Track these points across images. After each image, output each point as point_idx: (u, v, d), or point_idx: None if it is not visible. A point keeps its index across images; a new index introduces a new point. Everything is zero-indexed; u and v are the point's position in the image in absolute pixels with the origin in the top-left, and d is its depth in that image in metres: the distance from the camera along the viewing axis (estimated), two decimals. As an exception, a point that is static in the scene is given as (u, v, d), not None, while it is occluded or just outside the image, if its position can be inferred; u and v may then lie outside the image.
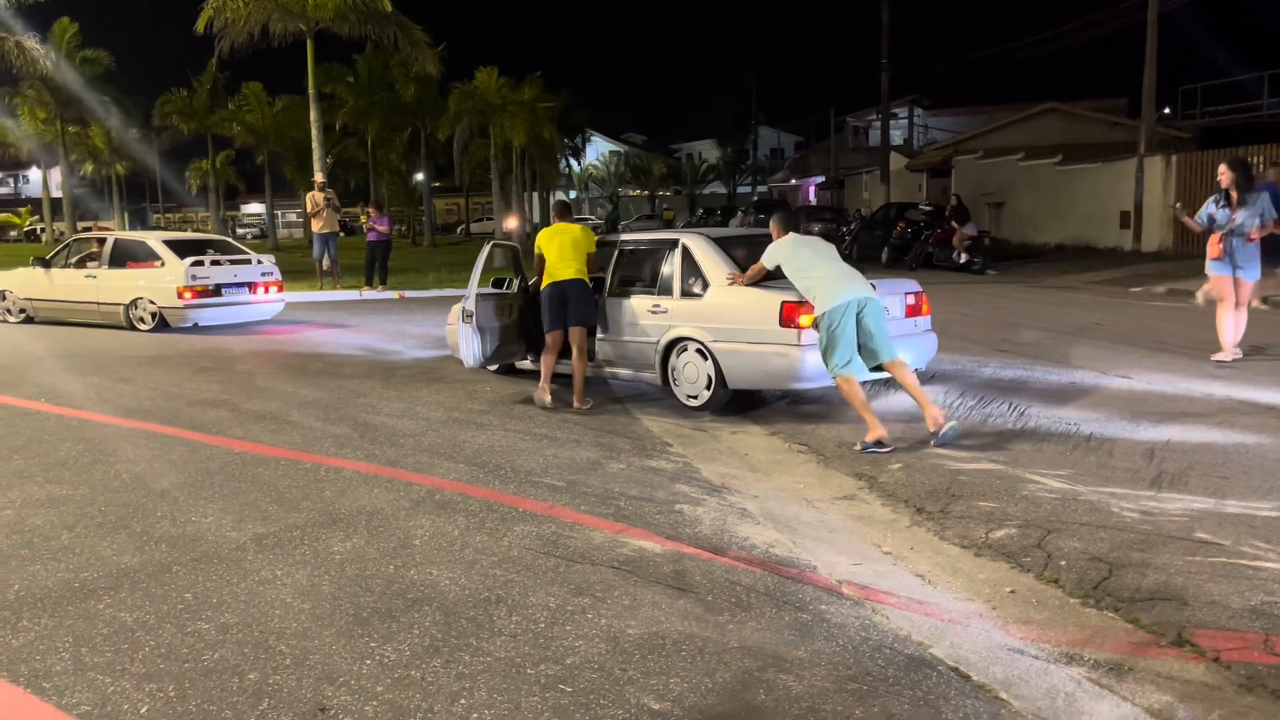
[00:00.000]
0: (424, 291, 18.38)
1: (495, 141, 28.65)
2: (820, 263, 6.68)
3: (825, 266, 6.66)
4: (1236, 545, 4.26)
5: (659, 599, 3.91)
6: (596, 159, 67.98)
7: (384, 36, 21.76)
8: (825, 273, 6.59)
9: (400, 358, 10.59)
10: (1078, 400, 7.26)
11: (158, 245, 13.09)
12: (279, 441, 6.68)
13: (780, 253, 6.77)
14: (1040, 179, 26.72)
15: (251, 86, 43.30)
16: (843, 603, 3.89)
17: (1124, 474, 5.37)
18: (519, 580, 4.12)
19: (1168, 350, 9.35)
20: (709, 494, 5.36)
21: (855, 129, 54.37)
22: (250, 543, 4.62)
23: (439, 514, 5.02)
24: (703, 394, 7.38)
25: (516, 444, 6.53)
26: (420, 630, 3.64)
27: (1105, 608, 3.77)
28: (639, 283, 8.26)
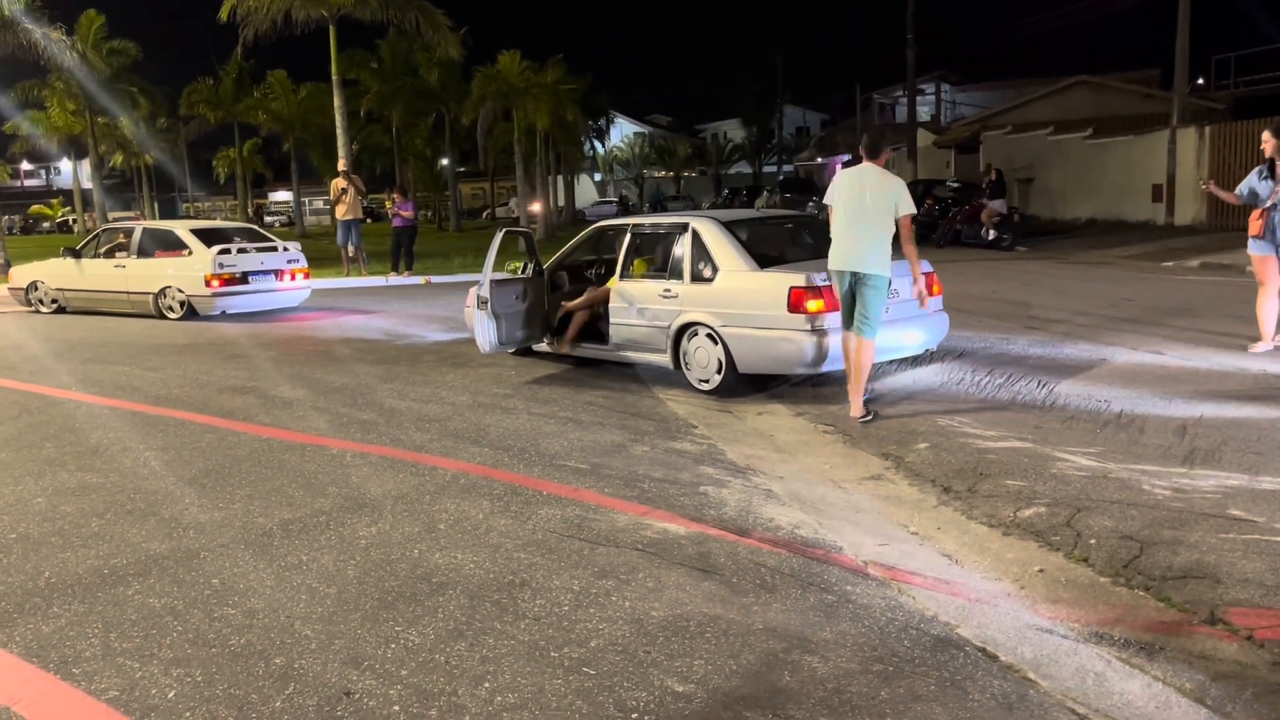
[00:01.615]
0: (449, 276, 18.42)
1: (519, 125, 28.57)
2: (839, 215, 6.55)
3: (841, 222, 6.53)
4: (1270, 522, 4.18)
5: (683, 581, 3.90)
6: (621, 141, 67.71)
7: (406, 21, 21.74)
8: (836, 228, 6.53)
9: (425, 342, 10.62)
10: (1108, 377, 7.16)
11: (185, 234, 13.19)
12: (306, 428, 6.72)
13: (830, 187, 6.76)
14: (1070, 153, 26.33)
15: (276, 74, 43.46)
16: (869, 583, 3.86)
17: (1155, 451, 5.29)
18: (543, 563, 4.12)
19: (1201, 325, 9.20)
20: (734, 475, 5.33)
21: (882, 106, 53.79)
22: (277, 528, 4.65)
23: (464, 498, 5.04)
24: (713, 378, 7.35)
25: (541, 427, 6.53)
26: (445, 614, 3.65)
27: (1136, 586, 3.72)
28: (651, 267, 8.24)
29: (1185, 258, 16.01)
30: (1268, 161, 7.79)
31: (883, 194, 6.52)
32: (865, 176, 6.60)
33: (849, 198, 6.59)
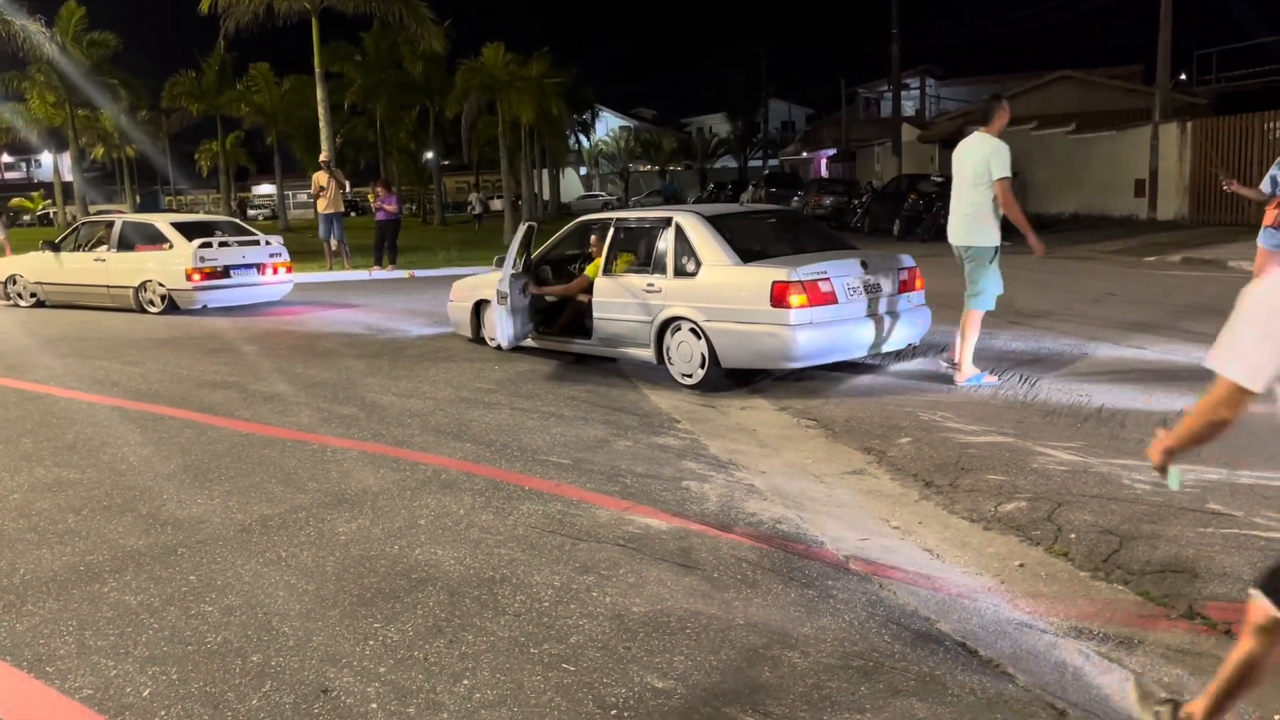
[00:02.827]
0: (434, 270, 18.33)
1: (503, 118, 28.46)
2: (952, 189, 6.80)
3: (951, 196, 6.82)
4: (1249, 516, 4.21)
5: (664, 576, 3.89)
6: (606, 134, 67.54)
7: (389, 13, 21.63)
8: None
9: (408, 336, 10.57)
10: (1090, 371, 7.19)
11: (165, 228, 13.08)
12: (286, 423, 6.68)
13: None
14: (1053, 148, 26.44)
15: (259, 67, 43.15)
16: (850, 578, 3.86)
17: (1136, 445, 5.31)
18: (524, 559, 4.10)
19: (1183, 320, 9.24)
20: (716, 470, 5.33)
21: (866, 100, 53.85)
22: (256, 524, 4.62)
23: (445, 493, 5.01)
24: (697, 373, 7.34)
25: (523, 422, 6.51)
26: (424, 610, 3.63)
27: (1115, 580, 3.74)
28: (634, 261, 8.22)
29: (1168, 253, 16.11)
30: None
31: (977, 161, 6.59)
32: (966, 147, 6.68)
33: (954, 171, 6.69)
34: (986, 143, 6.72)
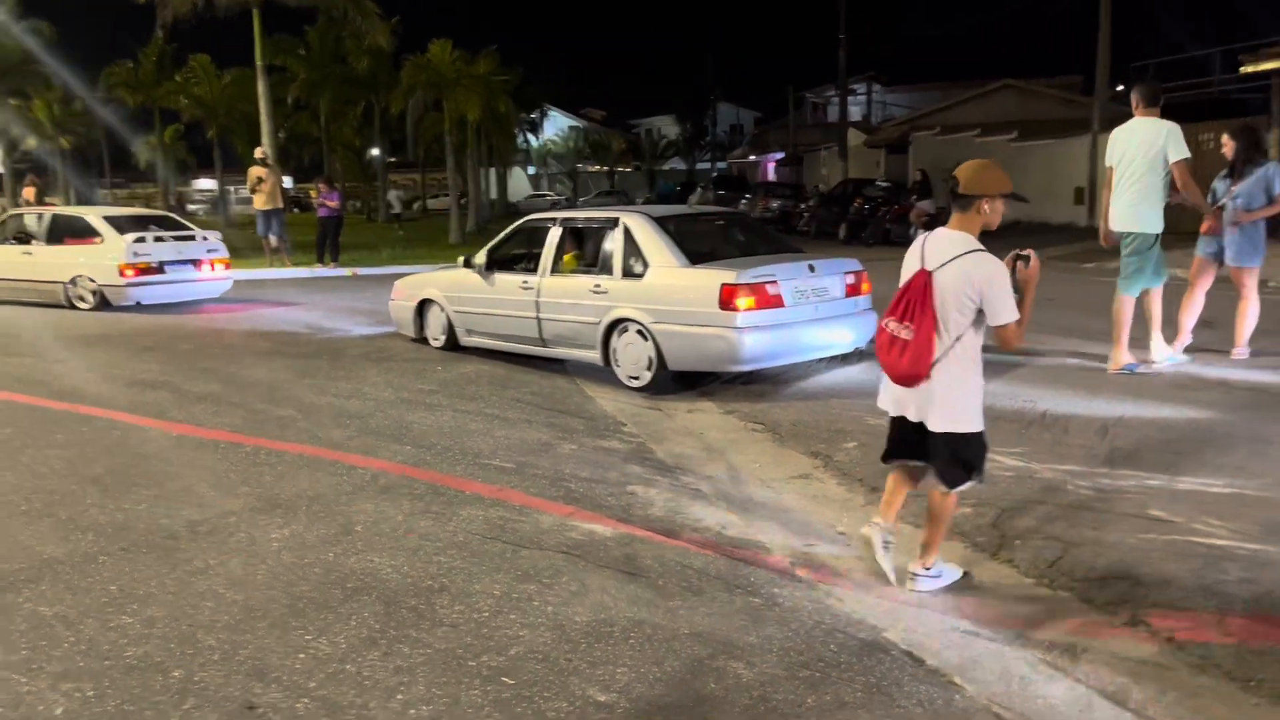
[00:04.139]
0: (377, 269, 18.03)
1: (449, 116, 28.12)
2: (1115, 175, 6.84)
3: (1114, 182, 6.84)
4: (1189, 523, 4.24)
5: (608, 584, 3.80)
6: (555, 134, 67.19)
7: (334, 7, 21.25)
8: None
9: (349, 336, 10.35)
10: (1033, 377, 7.24)
11: (97, 221, 12.66)
12: (220, 424, 6.47)
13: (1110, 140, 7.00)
14: (996, 155, 26.82)
15: (199, 59, 42.06)
16: (796, 586, 3.81)
17: (1079, 451, 5.34)
18: (463, 567, 3.99)
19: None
20: (662, 474, 5.25)
21: (814, 105, 54.29)
22: (183, 530, 4.44)
23: (383, 498, 4.87)
24: (644, 375, 7.27)
25: (466, 425, 6.38)
26: (358, 621, 3.50)
27: (1059, 588, 3.73)
28: (581, 262, 8.13)
29: (1106, 259, 16.35)
30: (1229, 164, 7.55)
31: (1149, 143, 6.57)
32: (1132, 131, 6.66)
33: (1115, 156, 6.68)
34: (1159, 125, 6.71)
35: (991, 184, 3.57)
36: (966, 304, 3.48)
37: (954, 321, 3.51)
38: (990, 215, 3.59)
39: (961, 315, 3.49)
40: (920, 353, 3.52)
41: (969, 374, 3.58)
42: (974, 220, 3.59)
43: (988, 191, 3.56)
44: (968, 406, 3.58)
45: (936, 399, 3.57)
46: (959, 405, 3.57)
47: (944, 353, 3.53)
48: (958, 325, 3.50)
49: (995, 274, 3.48)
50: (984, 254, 3.51)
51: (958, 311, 3.49)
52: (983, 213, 3.58)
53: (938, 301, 3.52)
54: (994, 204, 3.57)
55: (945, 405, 3.57)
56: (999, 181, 3.58)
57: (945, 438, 3.60)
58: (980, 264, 3.48)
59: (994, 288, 3.46)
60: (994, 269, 3.49)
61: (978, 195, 3.55)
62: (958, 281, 3.49)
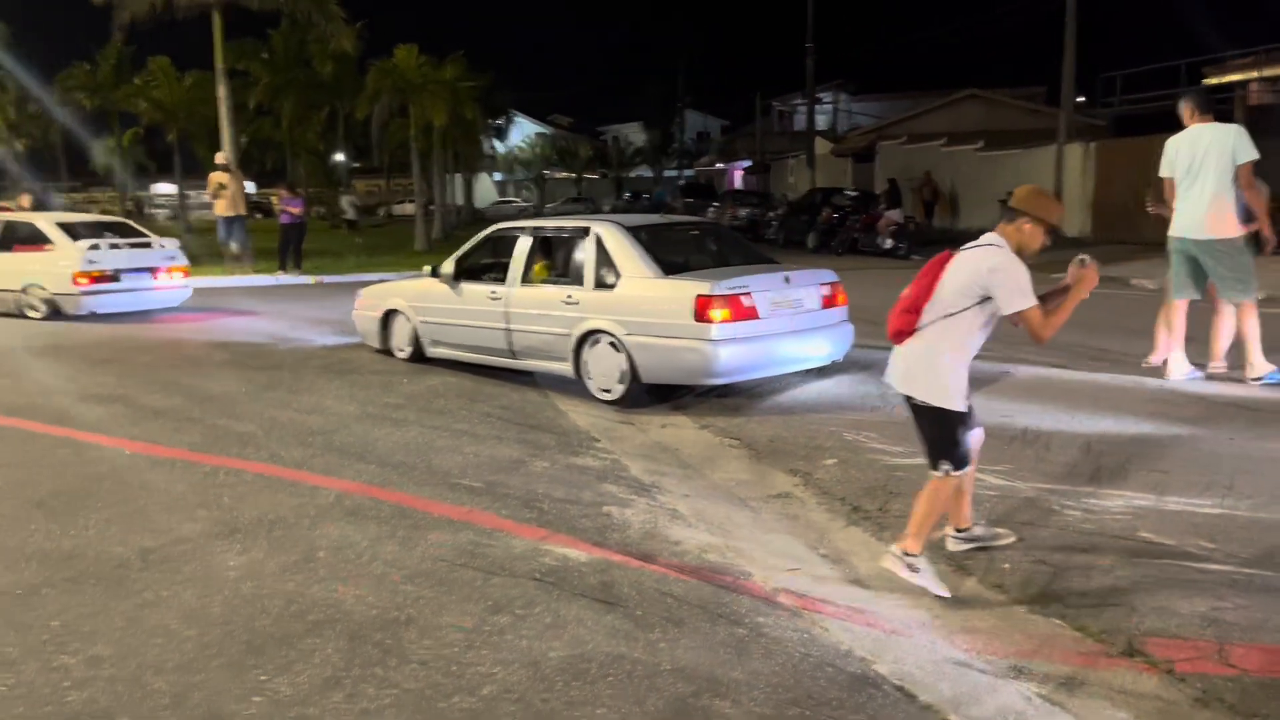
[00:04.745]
0: (341, 276, 17.72)
1: (415, 122, 27.78)
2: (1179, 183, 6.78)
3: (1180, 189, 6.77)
4: (1181, 545, 4.14)
5: (584, 615, 3.63)
6: (522, 141, 66.90)
7: (297, 10, 20.90)
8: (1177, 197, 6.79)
9: (312, 346, 10.09)
10: (1011, 391, 7.15)
11: (49, 227, 12.27)
12: (177, 441, 6.21)
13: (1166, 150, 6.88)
14: (962, 164, 27.01)
15: (159, 61, 41.28)
16: (780, 614, 3.65)
17: (1063, 469, 5.24)
18: (432, 597, 3.79)
19: (1097, 337, 9.32)
20: (638, 494, 5.09)
21: (781, 113, 54.46)
22: (135, 559, 4.20)
23: (347, 522, 4.66)
24: (616, 388, 7.10)
25: (433, 441, 6.17)
26: (320, 658, 3.29)
27: (1052, 614, 3.61)
28: (552, 272, 7.96)
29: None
30: None
31: (1221, 148, 6.48)
32: (1198, 138, 6.54)
33: (1184, 163, 6.55)
34: (1225, 128, 6.66)
35: (1038, 207, 3.77)
36: (971, 288, 3.72)
37: (950, 298, 3.76)
38: (1028, 236, 3.77)
39: (960, 296, 3.73)
40: (905, 306, 3.86)
41: (945, 349, 3.79)
42: (1011, 233, 3.79)
43: (1033, 212, 3.75)
44: (938, 380, 3.79)
45: (911, 364, 3.87)
46: (929, 375, 3.81)
47: (931, 322, 3.80)
48: (953, 304, 3.74)
49: (1003, 265, 3.69)
50: (998, 249, 3.75)
51: (957, 292, 3.74)
52: (1022, 231, 3.76)
53: (945, 276, 3.80)
54: (1035, 227, 3.75)
55: (915, 371, 3.85)
56: (1047, 209, 3.78)
57: (917, 409, 3.88)
58: (990, 254, 3.73)
59: (997, 276, 3.67)
60: (1003, 260, 3.71)
61: (1023, 212, 3.75)
62: (968, 265, 3.76)
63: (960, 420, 3.83)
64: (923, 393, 3.82)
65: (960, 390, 3.81)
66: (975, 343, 3.85)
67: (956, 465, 3.83)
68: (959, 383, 3.81)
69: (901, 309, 3.90)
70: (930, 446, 3.89)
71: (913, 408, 3.91)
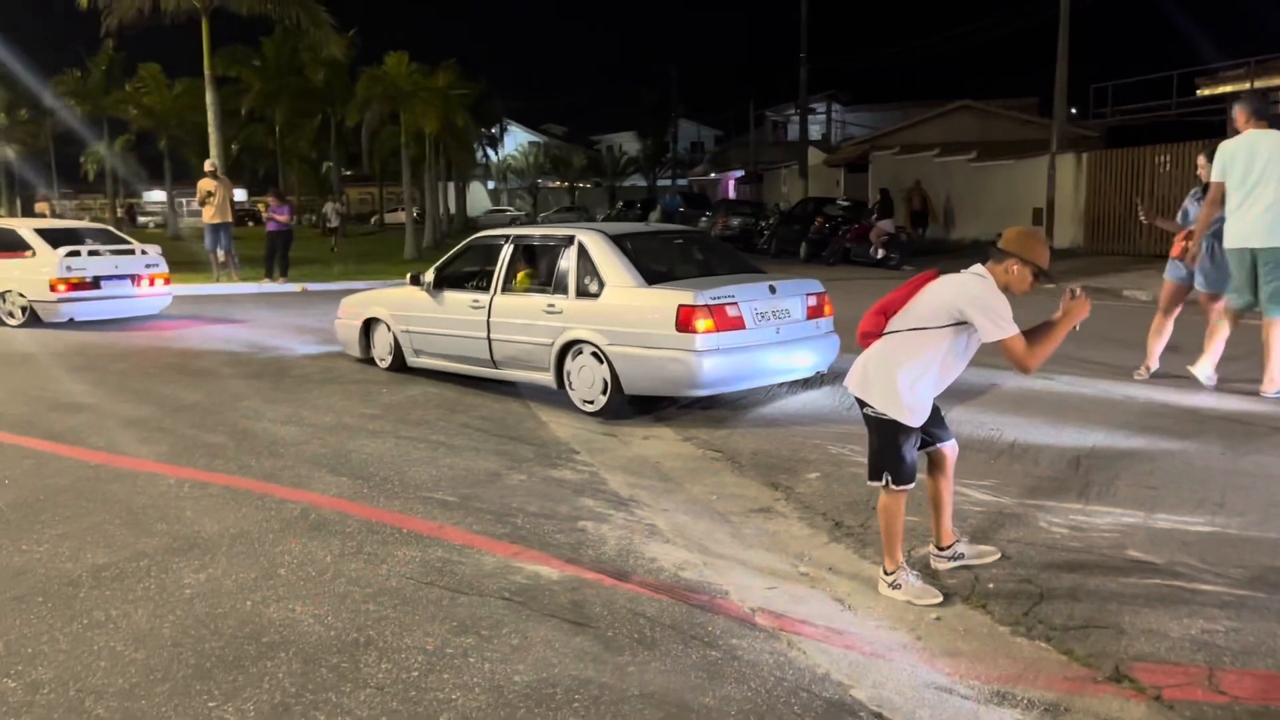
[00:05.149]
0: (328, 284, 17.57)
1: (406, 129, 27.68)
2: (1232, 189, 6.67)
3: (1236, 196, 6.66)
4: (1170, 565, 4.00)
5: (552, 636, 3.48)
6: (515, 149, 66.79)
7: (286, 17, 20.78)
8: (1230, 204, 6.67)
9: (293, 355, 9.93)
10: (999, 403, 7.03)
11: (28, 234, 12.10)
12: (144, 452, 6.05)
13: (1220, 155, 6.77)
14: (955, 175, 26.95)
15: (149, 68, 41.15)
16: (756, 635, 3.51)
17: (1050, 484, 5.11)
18: (394, 617, 3.65)
19: (1085, 350, 9.22)
20: (616, 508, 4.94)
21: (774, 123, 54.49)
22: (86, 576, 4.04)
23: (312, 537, 4.51)
24: (599, 399, 6.97)
25: (409, 453, 6.03)
26: (271, 683, 3.14)
27: (1037, 637, 3.47)
28: (534, 280, 7.83)
29: (1065, 280, 16.39)
30: (1202, 185, 7.34)
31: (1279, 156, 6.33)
32: (1255, 143, 6.41)
33: (1239, 169, 6.42)
34: None
35: (1026, 249, 3.71)
36: (949, 309, 3.68)
37: (925, 313, 3.73)
38: (1016, 278, 3.71)
39: (935, 314, 3.71)
40: (876, 309, 3.90)
41: (905, 359, 3.73)
42: (1000, 273, 3.73)
43: (1021, 254, 3.69)
44: (891, 389, 3.73)
45: (870, 370, 3.83)
46: (884, 382, 3.76)
47: (898, 330, 3.79)
48: (926, 319, 3.72)
49: (982, 294, 3.65)
50: (982, 279, 3.71)
51: (933, 309, 3.71)
52: (1010, 272, 3.71)
53: (925, 293, 3.79)
54: (1023, 269, 3.69)
55: (872, 377, 3.81)
56: (1035, 251, 3.71)
57: (868, 416, 3.84)
58: (972, 282, 3.71)
59: (974, 304, 3.63)
60: (981, 289, 3.67)
61: (1011, 254, 3.70)
62: (949, 287, 3.74)
63: (907, 434, 3.76)
64: (876, 399, 3.78)
65: (914, 405, 3.74)
66: (942, 364, 3.77)
67: (899, 480, 3.78)
68: (914, 397, 3.74)
69: (872, 311, 3.92)
70: (873, 456, 3.86)
71: (864, 415, 3.87)
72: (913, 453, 3.82)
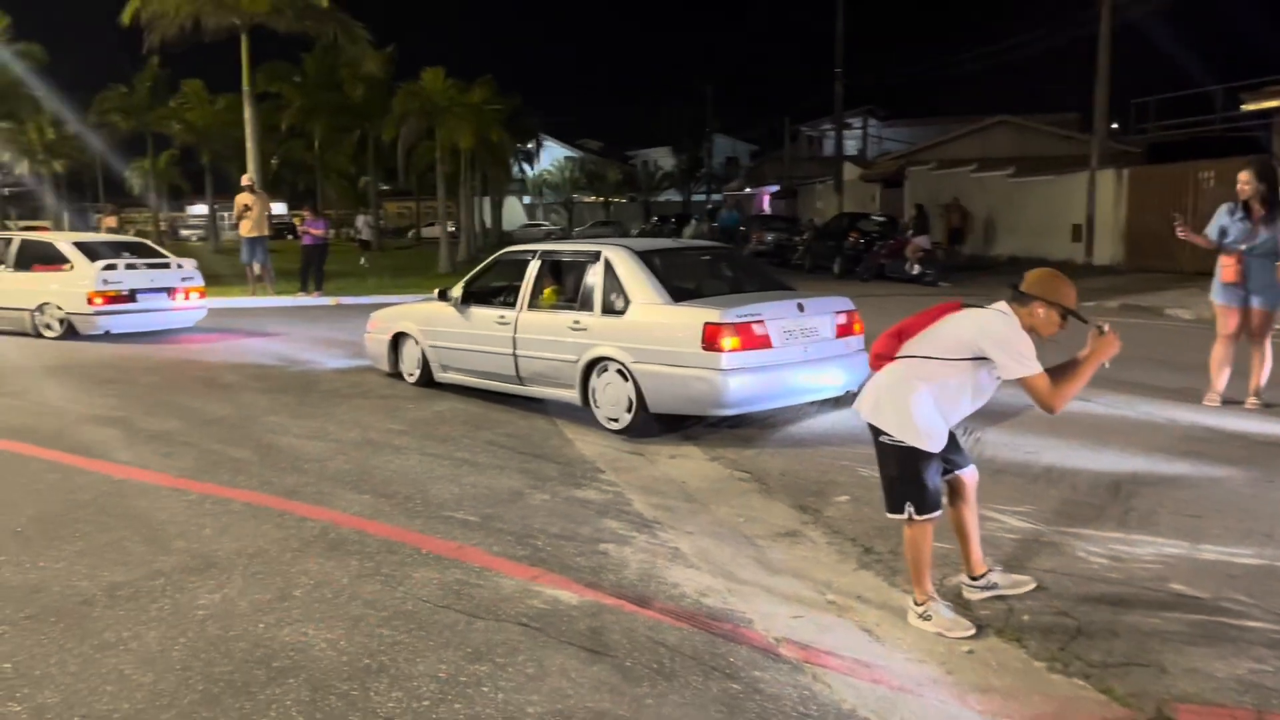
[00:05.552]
0: (362, 298, 17.65)
1: (441, 144, 27.86)
2: None
3: None
4: (1216, 599, 3.83)
5: (569, 665, 3.38)
6: (551, 164, 67.13)
7: (324, 33, 20.99)
8: None
9: (322, 369, 9.94)
10: (1034, 425, 6.84)
11: (66, 247, 12.26)
12: (168, 467, 6.04)
13: None
14: (993, 191, 26.63)
15: (192, 84, 41.92)
16: (779, 666, 3.39)
17: (1089, 511, 4.94)
18: (408, 642, 3.56)
19: (1128, 370, 9.00)
20: (639, 530, 4.84)
21: (810, 138, 54.27)
22: (101, 594, 4.00)
23: (329, 557, 4.45)
24: (624, 417, 6.87)
25: (432, 470, 5.97)
26: (279, 711, 3.07)
27: (1074, 674, 3.32)
28: (561, 296, 7.76)
29: (1105, 298, 16.08)
30: (1242, 202, 7.07)
31: None
32: None
33: None
34: None
35: (1052, 291, 3.59)
36: (970, 344, 3.58)
37: (946, 343, 3.62)
38: (1042, 320, 3.60)
39: (957, 346, 3.59)
40: (893, 331, 3.76)
41: (920, 384, 3.61)
42: (1024, 315, 3.61)
43: (1046, 297, 3.58)
44: (906, 414, 3.60)
45: (882, 393, 3.71)
46: (897, 407, 3.63)
47: (914, 355, 3.66)
48: (946, 350, 3.60)
49: (1002, 331, 3.55)
50: (1005, 315, 3.60)
51: (956, 341, 3.60)
52: (1035, 315, 3.60)
53: (948, 322, 3.68)
54: (1049, 312, 3.58)
55: (885, 401, 3.68)
56: (1061, 293, 3.60)
57: (880, 445, 3.71)
58: (995, 319, 3.60)
59: (994, 342, 3.53)
60: (1002, 326, 3.57)
61: (1036, 297, 3.58)
62: (972, 322, 3.63)
63: (927, 461, 3.61)
64: (890, 426, 3.64)
65: (930, 430, 3.60)
66: (958, 395, 3.65)
67: (922, 509, 3.62)
68: (930, 422, 3.60)
69: (888, 334, 3.78)
70: (889, 486, 3.72)
71: (879, 444, 3.72)
72: (935, 479, 3.68)
